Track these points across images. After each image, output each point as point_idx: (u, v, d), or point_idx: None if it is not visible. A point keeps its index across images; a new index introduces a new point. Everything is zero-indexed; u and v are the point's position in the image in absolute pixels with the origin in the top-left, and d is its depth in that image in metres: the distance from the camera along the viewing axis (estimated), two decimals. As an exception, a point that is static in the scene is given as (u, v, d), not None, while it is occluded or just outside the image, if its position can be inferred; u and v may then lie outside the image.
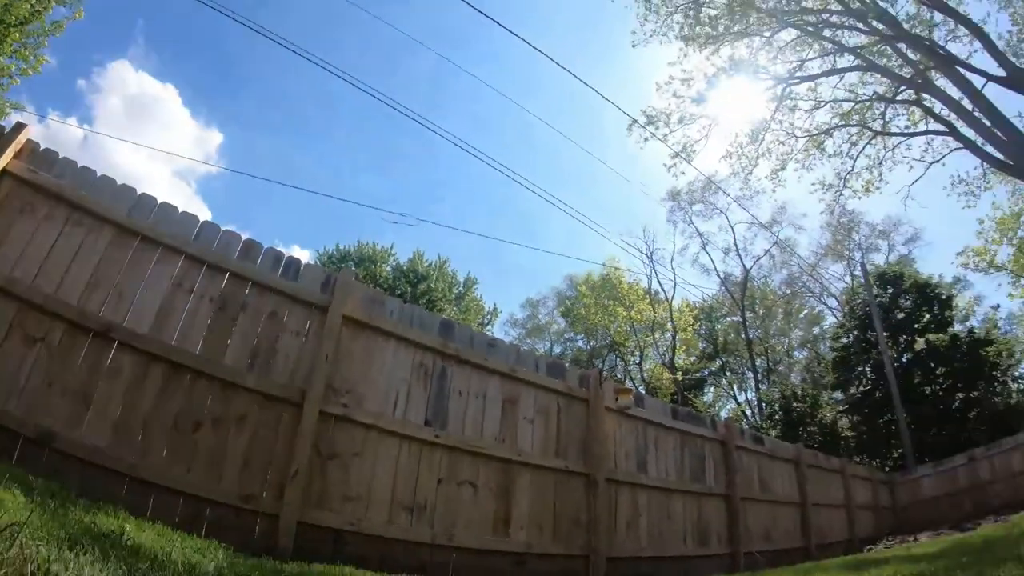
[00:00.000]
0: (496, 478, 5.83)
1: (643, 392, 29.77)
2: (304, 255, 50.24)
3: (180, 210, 4.62)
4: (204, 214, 18.28)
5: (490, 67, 57.41)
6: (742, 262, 42.16)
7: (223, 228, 4.77)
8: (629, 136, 19.06)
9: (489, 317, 39.23)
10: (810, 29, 17.55)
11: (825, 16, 17.29)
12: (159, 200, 4.54)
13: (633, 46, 18.67)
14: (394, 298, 5.70)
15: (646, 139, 18.77)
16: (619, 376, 41.91)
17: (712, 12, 17.46)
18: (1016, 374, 28.55)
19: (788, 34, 18.11)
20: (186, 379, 4.18)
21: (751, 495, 10.06)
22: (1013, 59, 15.16)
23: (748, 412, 39.51)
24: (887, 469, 23.94)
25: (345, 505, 4.64)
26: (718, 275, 43.41)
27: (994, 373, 26.01)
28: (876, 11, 15.82)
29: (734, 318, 43.30)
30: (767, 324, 43.93)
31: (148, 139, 56.38)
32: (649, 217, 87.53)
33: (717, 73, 19.41)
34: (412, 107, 62.06)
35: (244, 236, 4.85)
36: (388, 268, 34.22)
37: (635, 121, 18.79)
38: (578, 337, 47.79)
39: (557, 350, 47.53)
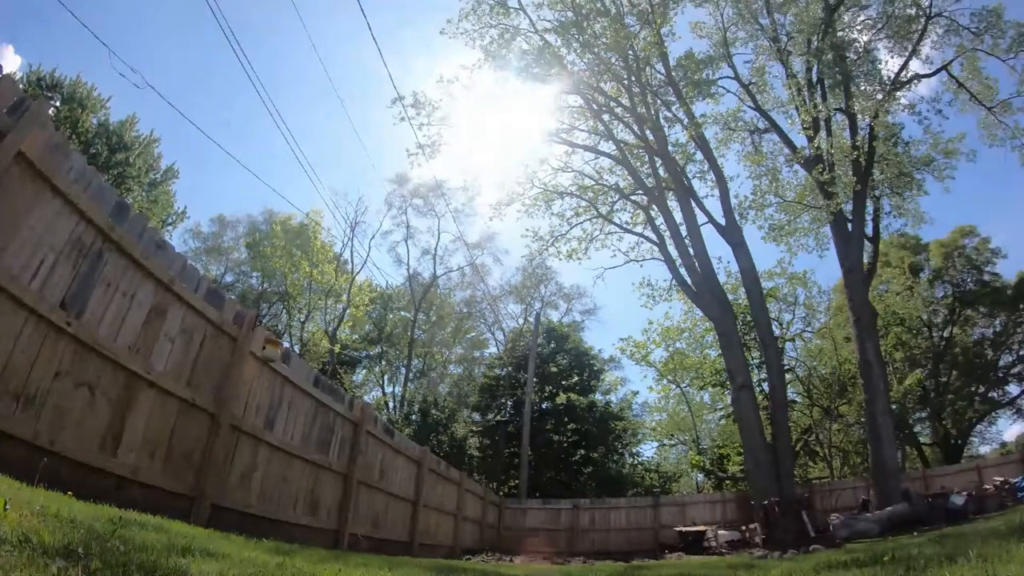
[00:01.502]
0: (119, 389, 5.98)
1: (296, 351, 31.13)
2: (14, 63, 45.22)
3: None
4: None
5: None
6: (435, 268, 48.72)
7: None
8: (390, 108, 21.02)
9: (175, 218, 39.64)
10: (594, 107, 21.61)
11: (612, 104, 21.49)
12: None
13: (441, 33, 20.84)
14: (80, 155, 5.59)
15: (403, 119, 20.86)
16: (279, 328, 45.50)
17: (524, 47, 20.41)
18: (633, 450, 37.78)
19: (575, 100, 22.04)
20: None
21: (369, 481, 11.50)
22: (737, 216, 20.87)
23: (390, 404, 44.24)
24: (502, 494, 28.95)
25: (-56, 373, 4.46)
26: (408, 270, 49.42)
27: (616, 444, 34.54)
28: (654, 125, 20.44)
29: (407, 314, 49.14)
30: (435, 331, 51.13)
31: None
32: (369, 189, 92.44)
33: (497, 96, 23.41)
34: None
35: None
36: (94, 121, 32.35)
37: (401, 99, 20.75)
38: (255, 274, 50.23)
39: (229, 279, 49.40)
